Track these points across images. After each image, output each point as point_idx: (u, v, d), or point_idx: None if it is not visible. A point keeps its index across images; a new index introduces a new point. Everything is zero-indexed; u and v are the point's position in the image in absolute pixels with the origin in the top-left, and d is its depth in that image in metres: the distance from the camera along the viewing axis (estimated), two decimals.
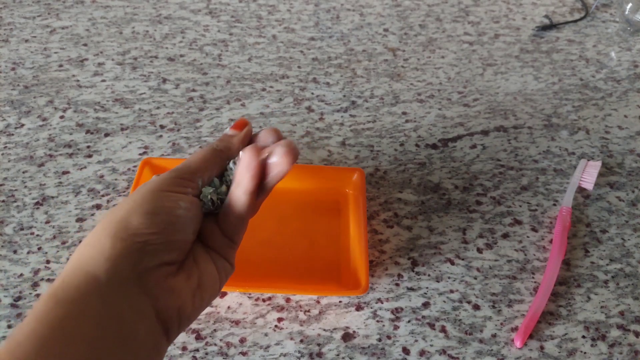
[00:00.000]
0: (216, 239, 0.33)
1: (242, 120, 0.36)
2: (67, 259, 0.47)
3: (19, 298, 0.44)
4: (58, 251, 0.47)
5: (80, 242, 0.48)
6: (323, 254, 0.47)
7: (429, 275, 0.47)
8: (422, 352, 0.42)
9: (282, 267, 0.46)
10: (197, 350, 0.41)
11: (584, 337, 0.44)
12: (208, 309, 0.44)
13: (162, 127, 0.59)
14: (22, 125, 0.58)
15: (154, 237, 0.28)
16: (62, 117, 0.59)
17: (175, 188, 0.30)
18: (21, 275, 0.45)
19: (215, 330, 0.43)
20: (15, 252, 0.47)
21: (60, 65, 0.66)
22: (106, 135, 0.58)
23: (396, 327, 0.44)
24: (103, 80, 0.64)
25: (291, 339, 0.43)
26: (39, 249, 0.47)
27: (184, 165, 0.32)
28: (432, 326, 0.44)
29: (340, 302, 0.45)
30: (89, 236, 0.29)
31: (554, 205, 0.54)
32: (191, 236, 0.31)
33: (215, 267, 0.32)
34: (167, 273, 0.29)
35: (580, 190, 0.55)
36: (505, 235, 0.51)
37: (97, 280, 0.27)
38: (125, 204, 0.29)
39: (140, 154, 0.56)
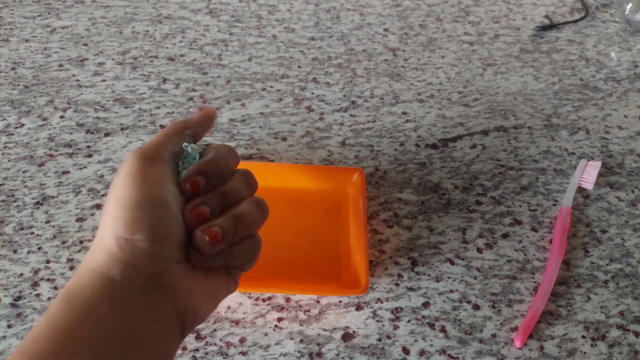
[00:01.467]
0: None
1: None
2: (67, 258, 0.47)
3: (19, 298, 0.44)
4: (58, 251, 0.47)
5: (80, 242, 0.48)
6: (323, 254, 0.47)
7: (428, 275, 0.47)
8: (422, 352, 0.42)
9: (282, 267, 0.46)
10: (197, 350, 0.41)
11: (583, 337, 0.44)
12: None
13: (162, 127, 0.59)
14: (22, 125, 0.58)
15: (157, 230, 0.27)
16: (62, 116, 0.59)
17: (158, 165, 0.29)
18: (21, 274, 0.45)
19: (215, 330, 0.43)
20: (15, 251, 0.47)
21: (61, 65, 0.66)
22: (106, 135, 0.58)
23: (396, 327, 0.44)
24: (103, 80, 0.64)
25: (291, 338, 0.43)
26: (39, 248, 0.47)
27: (151, 144, 0.31)
28: (432, 326, 0.44)
29: (340, 302, 0.45)
30: (97, 234, 0.28)
31: (554, 205, 0.54)
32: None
33: (224, 279, 0.32)
34: (184, 272, 0.28)
35: (580, 190, 0.55)
36: (505, 235, 0.51)
37: (113, 282, 0.26)
38: (113, 195, 0.28)
39: None
